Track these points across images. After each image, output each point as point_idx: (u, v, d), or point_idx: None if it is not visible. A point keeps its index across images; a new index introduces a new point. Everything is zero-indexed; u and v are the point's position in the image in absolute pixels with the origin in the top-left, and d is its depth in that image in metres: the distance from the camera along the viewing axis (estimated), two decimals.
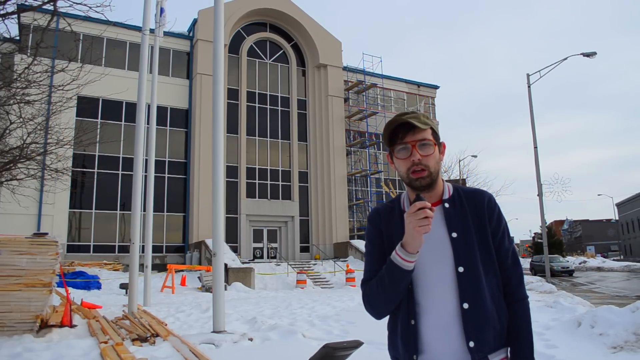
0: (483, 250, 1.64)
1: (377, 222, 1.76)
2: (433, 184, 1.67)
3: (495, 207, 1.71)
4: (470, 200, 1.70)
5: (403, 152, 1.65)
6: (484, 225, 1.67)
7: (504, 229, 1.71)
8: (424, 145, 1.64)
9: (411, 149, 1.63)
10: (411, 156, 1.63)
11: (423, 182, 1.64)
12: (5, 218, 20.95)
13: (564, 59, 21.88)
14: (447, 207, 1.68)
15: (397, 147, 1.66)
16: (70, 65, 8.32)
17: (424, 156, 1.63)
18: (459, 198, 1.71)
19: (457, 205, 1.69)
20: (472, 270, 1.60)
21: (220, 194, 8.35)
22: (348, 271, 22.84)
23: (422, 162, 1.63)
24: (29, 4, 5.84)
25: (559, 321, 7.71)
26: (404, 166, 1.66)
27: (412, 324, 1.61)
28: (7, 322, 7.06)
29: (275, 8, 31.68)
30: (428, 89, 38.68)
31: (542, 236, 21.67)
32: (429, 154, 1.64)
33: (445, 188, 1.73)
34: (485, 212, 1.68)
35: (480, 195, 1.72)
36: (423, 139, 1.64)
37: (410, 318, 1.61)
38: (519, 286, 1.68)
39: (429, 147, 1.64)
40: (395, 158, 1.68)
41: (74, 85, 9.37)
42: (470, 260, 1.61)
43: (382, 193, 33.37)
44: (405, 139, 1.64)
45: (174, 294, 17.46)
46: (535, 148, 21.93)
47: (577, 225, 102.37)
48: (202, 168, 26.85)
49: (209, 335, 7.31)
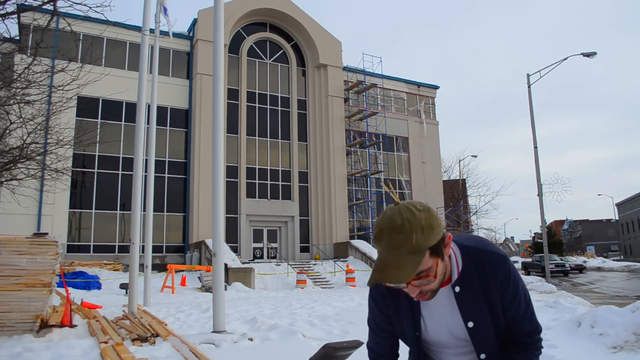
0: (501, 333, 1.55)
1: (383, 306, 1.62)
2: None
3: (509, 279, 1.49)
4: (481, 274, 1.49)
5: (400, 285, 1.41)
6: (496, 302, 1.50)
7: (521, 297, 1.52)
8: (422, 279, 1.38)
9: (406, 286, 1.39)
10: (408, 290, 1.41)
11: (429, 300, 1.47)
12: (5, 218, 20.94)
13: (564, 58, 21.88)
14: (459, 292, 1.49)
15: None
16: (70, 65, 8.32)
17: (424, 286, 1.40)
18: (468, 275, 1.49)
19: (468, 286, 1.49)
20: (494, 354, 1.55)
21: (220, 194, 8.35)
22: (348, 271, 22.83)
23: (423, 290, 1.41)
24: (29, 4, 5.84)
25: (559, 321, 7.71)
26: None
27: None
28: (7, 322, 7.06)
29: (275, 8, 31.68)
30: (428, 89, 38.67)
31: (542, 236, 21.66)
32: (430, 283, 1.40)
33: (453, 264, 1.50)
34: (499, 287, 1.49)
35: (492, 266, 1.49)
36: (419, 274, 1.35)
37: None
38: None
39: (428, 277, 1.38)
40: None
41: (74, 85, 9.38)
42: (491, 345, 1.54)
43: (382, 193, 33.38)
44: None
45: (174, 294, 17.46)
46: (535, 148, 21.93)
47: (577, 225, 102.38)
48: (202, 168, 26.85)
49: (209, 335, 7.30)
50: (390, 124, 34.77)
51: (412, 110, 37.34)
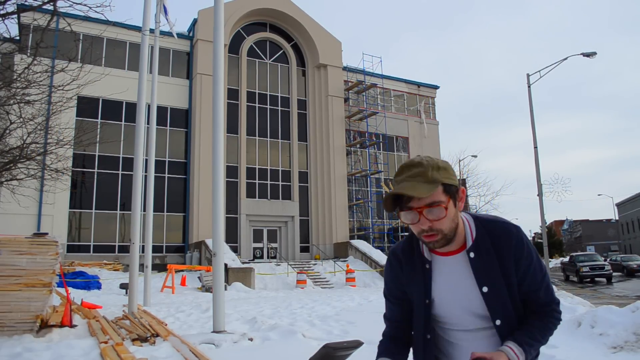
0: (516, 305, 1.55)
1: (398, 271, 1.65)
2: (451, 240, 1.51)
3: (523, 247, 1.53)
4: (496, 243, 1.52)
5: (410, 217, 1.47)
6: (511, 270, 1.52)
7: (535, 266, 1.55)
8: (433, 211, 1.43)
9: (419, 216, 1.45)
10: (419, 223, 1.45)
11: (437, 245, 1.50)
12: (5, 218, 20.94)
13: (564, 58, 21.86)
14: (473, 257, 1.52)
15: (403, 213, 1.47)
16: (70, 65, 8.32)
17: (435, 221, 1.44)
18: (483, 241, 1.53)
19: (483, 252, 1.52)
20: (509, 320, 1.54)
21: (220, 194, 8.35)
22: (348, 271, 22.82)
23: (434, 227, 1.45)
24: (29, 4, 5.84)
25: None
26: (414, 229, 1.50)
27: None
28: (7, 322, 7.06)
29: (275, 8, 31.68)
30: (428, 89, 38.66)
31: (542, 236, 21.65)
32: (441, 218, 1.44)
33: (467, 232, 1.55)
34: (513, 254, 1.52)
35: (506, 235, 1.53)
36: (431, 203, 1.43)
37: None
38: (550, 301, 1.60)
39: (440, 210, 1.44)
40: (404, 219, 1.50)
41: (74, 85, 9.38)
42: (506, 311, 1.53)
43: (382, 193, 33.37)
44: (411, 203, 1.45)
45: (174, 294, 17.46)
46: (535, 148, 21.91)
47: (577, 225, 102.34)
48: (202, 168, 26.85)
49: (209, 335, 7.30)
50: (390, 124, 34.76)
51: (412, 110, 37.35)
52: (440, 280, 1.56)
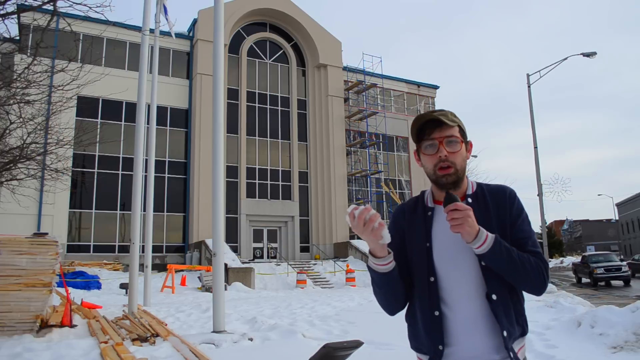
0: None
1: (401, 220, 1.79)
2: (459, 182, 1.70)
3: (515, 199, 1.73)
4: (492, 196, 1.73)
5: (430, 149, 1.68)
6: (505, 218, 1.69)
7: (524, 218, 1.72)
8: (451, 142, 1.66)
9: (438, 146, 1.66)
10: (438, 152, 1.66)
11: (449, 179, 1.67)
12: (5, 218, 20.94)
13: (564, 58, 21.86)
14: (470, 203, 1.70)
15: (425, 144, 1.69)
16: (70, 65, 8.32)
17: (451, 153, 1.66)
18: (482, 194, 1.74)
19: (480, 200, 1.71)
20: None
21: (220, 194, 8.35)
22: (348, 271, 22.83)
23: (449, 158, 1.66)
24: (29, 4, 5.85)
25: (559, 321, 7.70)
26: (431, 162, 1.68)
27: (437, 315, 1.63)
28: (7, 322, 7.06)
29: (275, 8, 31.68)
30: (428, 89, 38.66)
31: (542, 236, 21.64)
32: (456, 151, 1.67)
33: (469, 184, 1.77)
34: (506, 204, 1.70)
35: (502, 190, 1.75)
36: (450, 136, 1.66)
37: (433, 309, 1.63)
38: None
39: (456, 144, 1.67)
40: (422, 154, 1.71)
41: (74, 85, 9.37)
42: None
43: (382, 193, 33.37)
44: (433, 134, 1.67)
45: (174, 294, 17.46)
46: (536, 148, 21.91)
47: (577, 225, 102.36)
48: (202, 168, 26.85)
49: (209, 335, 7.31)
50: (390, 124, 34.76)
51: (412, 110, 37.34)
52: (440, 227, 1.69)
